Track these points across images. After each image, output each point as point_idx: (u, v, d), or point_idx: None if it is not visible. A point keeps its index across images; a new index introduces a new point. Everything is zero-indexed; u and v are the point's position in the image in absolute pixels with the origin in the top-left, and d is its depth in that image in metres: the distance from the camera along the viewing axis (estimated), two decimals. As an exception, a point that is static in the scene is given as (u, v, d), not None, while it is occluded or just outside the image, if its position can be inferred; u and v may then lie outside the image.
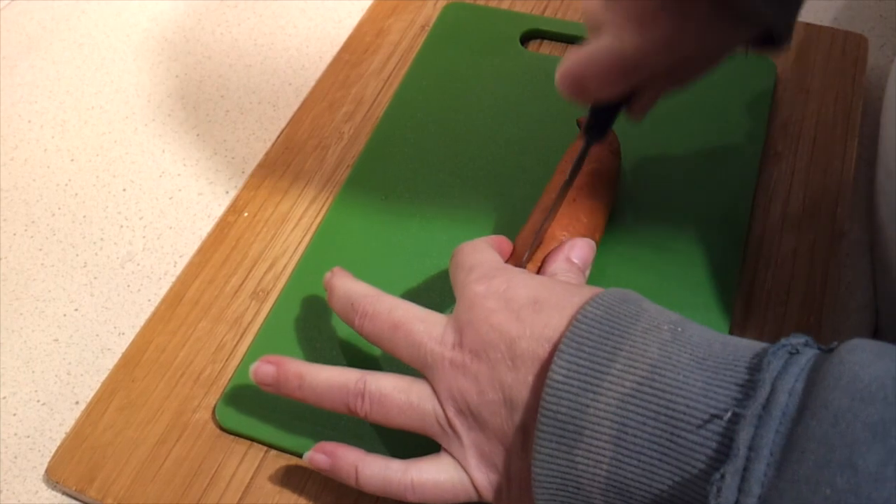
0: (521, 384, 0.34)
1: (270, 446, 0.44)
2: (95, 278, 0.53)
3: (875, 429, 0.25)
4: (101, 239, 0.55)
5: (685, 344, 0.31)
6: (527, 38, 0.63)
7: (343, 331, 0.47)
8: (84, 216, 0.56)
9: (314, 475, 0.42)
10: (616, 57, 0.38)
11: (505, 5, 0.65)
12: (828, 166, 0.54)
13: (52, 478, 0.44)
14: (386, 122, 0.57)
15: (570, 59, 0.40)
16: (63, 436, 0.45)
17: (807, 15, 0.63)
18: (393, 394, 0.37)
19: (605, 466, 0.31)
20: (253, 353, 0.47)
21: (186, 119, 0.62)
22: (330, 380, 0.38)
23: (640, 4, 0.37)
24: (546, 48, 0.62)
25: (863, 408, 0.26)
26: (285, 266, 0.51)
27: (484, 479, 0.36)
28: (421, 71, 0.61)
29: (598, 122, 0.44)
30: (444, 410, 0.36)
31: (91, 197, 0.57)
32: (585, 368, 0.32)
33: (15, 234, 0.55)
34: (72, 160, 0.59)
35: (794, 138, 0.55)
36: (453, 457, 0.36)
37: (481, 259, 0.39)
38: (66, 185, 0.58)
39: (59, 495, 0.44)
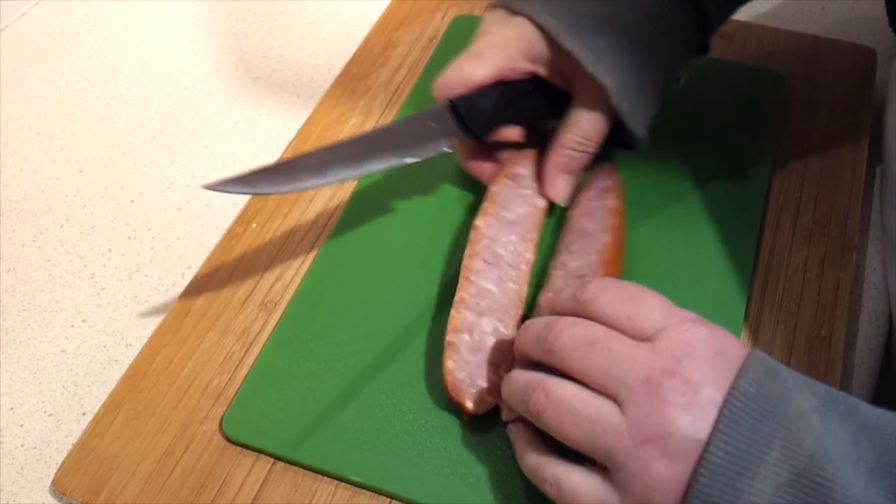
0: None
1: (277, 458, 0.43)
2: (103, 289, 0.53)
3: None
4: (109, 250, 0.55)
5: (835, 440, 0.32)
6: (535, 50, 0.63)
7: (351, 343, 0.47)
8: (92, 227, 0.56)
9: (322, 487, 0.42)
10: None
11: (513, 18, 0.65)
12: (838, 178, 0.54)
13: (59, 489, 0.43)
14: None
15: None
16: (70, 447, 0.45)
17: (816, 27, 0.64)
18: (572, 401, 0.36)
19: None
20: (260, 365, 0.46)
21: (195, 131, 0.62)
22: (520, 376, 0.39)
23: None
24: (554, 61, 0.62)
25: None
26: (293, 277, 0.51)
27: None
28: (429, 83, 0.60)
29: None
30: (629, 431, 0.35)
31: (99, 208, 0.57)
32: (742, 452, 0.32)
33: (23, 245, 0.55)
34: (80, 172, 0.59)
35: (804, 151, 0.55)
36: (607, 478, 0.35)
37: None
38: (75, 196, 0.58)
39: (65, 507, 0.44)
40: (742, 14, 0.65)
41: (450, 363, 0.43)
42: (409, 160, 0.49)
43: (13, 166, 0.60)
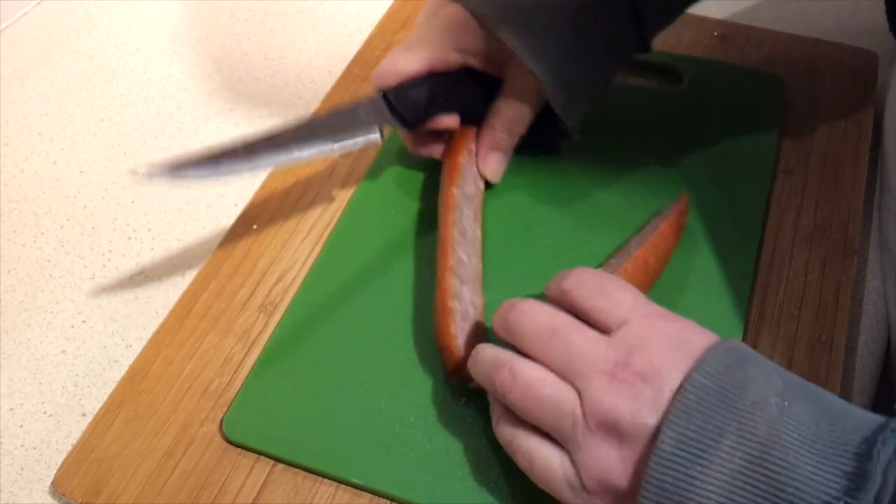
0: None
1: (277, 460, 0.43)
2: (103, 290, 0.53)
3: None
4: (110, 251, 0.55)
5: (793, 423, 0.32)
6: (536, 52, 0.63)
7: (351, 345, 0.47)
8: (93, 228, 0.56)
9: (322, 489, 0.42)
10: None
11: (514, 20, 0.65)
12: (839, 182, 0.54)
13: (59, 490, 0.43)
14: (396, 136, 0.57)
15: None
16: (70, 448, 0.45)
17: (816, 30, 0.64)
18: (537, 384, 0.37)
19: None
20: (261, 367, 0.46)
21: (196, 132, 0.62)
22: (488, 352, 0.40)
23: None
24: (555, 63, 0.62)
25: None
26: (294, 279, 0.51)
27: (594, 485, 0.36)
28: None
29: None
30: (584, 417, 0.36)
31: (100, 209, 0.57)
32: (694, 441, 0.33)
33: (24, 246, 0.55)
34: (81, 172, 0.59)
35: (805, 154, 0.55)
36: (572, 458, 0.36)
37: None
38: (76, 196, 0.58)
39: (64, 508, 0.44)
40: (742, 17, 0.65)
41: (452, 328, 0.43)
42: (336, 146, 0.49)
43: (14, 166, 0.60)
